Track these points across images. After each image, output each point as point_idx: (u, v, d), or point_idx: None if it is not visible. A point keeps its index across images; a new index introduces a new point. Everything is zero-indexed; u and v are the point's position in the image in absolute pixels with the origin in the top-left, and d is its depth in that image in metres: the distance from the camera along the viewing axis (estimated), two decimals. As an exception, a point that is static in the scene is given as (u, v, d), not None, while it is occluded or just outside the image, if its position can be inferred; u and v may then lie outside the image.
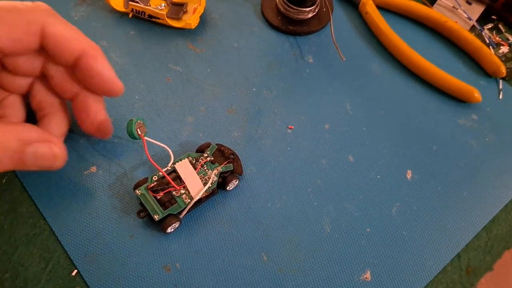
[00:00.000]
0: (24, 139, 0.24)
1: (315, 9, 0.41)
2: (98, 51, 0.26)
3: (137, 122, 0.29)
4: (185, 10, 0.40)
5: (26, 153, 0.24)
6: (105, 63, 0.26)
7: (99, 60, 0.26)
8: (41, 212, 0.30)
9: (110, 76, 0.26)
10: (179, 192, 0.28)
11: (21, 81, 0.28)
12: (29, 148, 0.24)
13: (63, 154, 0.26)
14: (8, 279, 0.28)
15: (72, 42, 0.25)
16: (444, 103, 0.38)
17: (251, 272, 0.29)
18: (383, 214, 0.32)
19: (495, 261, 0.32)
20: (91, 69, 0.25)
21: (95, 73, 0.26)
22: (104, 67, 0.26)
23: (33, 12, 0.24)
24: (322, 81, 0.38)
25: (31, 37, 0.24)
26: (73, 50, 0.25)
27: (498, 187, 0.34)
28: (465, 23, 0.43)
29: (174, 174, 0.29)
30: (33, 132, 0.24)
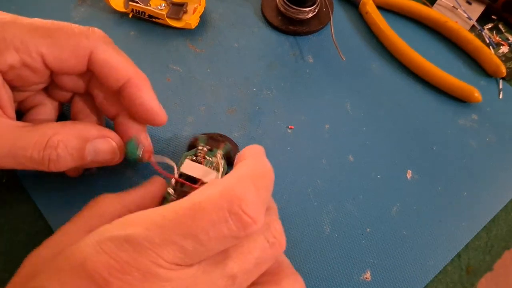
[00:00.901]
0: (85, 136, 0.24)
1: (315, 9, 0.41)
2: (144, 81, 0.26)
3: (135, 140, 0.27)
4: (185, 10, 0.40)
5: (86, 150, 0.24)
6: (150, 94, 0.26)
7: (144, 91, 0.26)
8: (41, 212, 0.30)
9: (153, 107, 0.26)
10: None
11: (66, 93, 0.29)
12: (90, 145, 0.24)
13: (121, 148, 0.26)
14: (8, 279, 0.28)
15: (118, 70, 0.25)
16: (444, 103, 0.38)
17: (251, 272, 0.29)
18: (383, 214, 0.32)
19: (495, 261, 0.32)
20: (134, 99, 0.26)
21: (138, 102, 0.26)
22: (148, 98, 0.26)
23: (85, 36, 0.25)
24: (322, 81, 0.38)
25: (78, 60, 0.25)
26: (119, 78, 0.25)
27: (498, 187, 0.34)
28: (465, 23, 0.43)
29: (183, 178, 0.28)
30: (93, 129, 0.25)
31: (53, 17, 0.25)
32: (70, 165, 0.24)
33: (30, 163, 0.23)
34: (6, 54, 0.23)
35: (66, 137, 0.24)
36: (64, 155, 0.23)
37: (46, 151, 0.23)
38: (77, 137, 0.24)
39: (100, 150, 0.25)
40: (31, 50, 0.23)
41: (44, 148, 0.23)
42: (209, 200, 0.17)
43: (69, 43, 0.24)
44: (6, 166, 0.23)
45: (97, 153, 0.25)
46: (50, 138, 0.23)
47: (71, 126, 0.24)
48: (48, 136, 0.23)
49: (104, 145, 0.25)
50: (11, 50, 0.23)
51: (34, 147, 0.23)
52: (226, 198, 0.17)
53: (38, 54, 0.24)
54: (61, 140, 0.23)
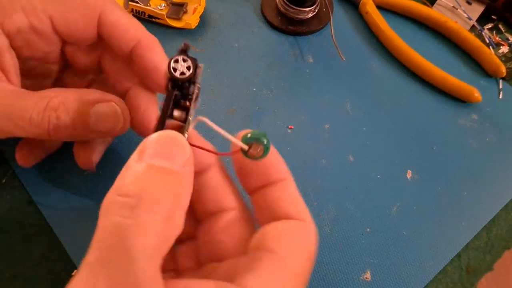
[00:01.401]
0: (87, 99, 0.23)
1: (315, 9, 0.41)
2: (155, 42, 0.25)
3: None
4: (185, 10, 0.40)
5: (89, 115, 0.23)
6: (162, 55, 0.25)
7: (156, 51, 0.25)
8: (41, 212, 0.30)
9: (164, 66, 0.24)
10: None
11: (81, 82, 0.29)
12: (92, 108, 0.23)
13: (126, 115, 0.24)
14: (8, 279, 0.28)
15: (128, 30, 0.24)
16: (444, 103, 0.38)
17: (251, 272, 0.29)
18: (383, 214, 0.32)
19: (495, 261, 0.32)
20: (146, 60, 0.24)
21: (150, 64, 0.24)
22: (160, 59, 0.24)
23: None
24: (322, 81, 0.38)
25: (88, 22, 0.24)
26: (129, 39, 0.24)
27: (498, 187, 0.34)
28: (465, 23, 0.43)
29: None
30: (96, 93, 0.24)
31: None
32: (71, 133, 0.23)
33: (29, 126, 0.22)
34: (14, 16, 0.22)
35: (67, 99, 0.22)
36: (65, 118, 0.22)
37: (46, 112, 0.22)
38: (78, 100, 0.23)
39: (102, 115, 0.23)
40: (39, 12, 0.22)
41: (44, 109, 0.22)
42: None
43: (78, 3, 0.23)
44: (4, 130, 0.22)
45: (99, 118, 0.23)
46: (51, 100, 0.22)
47: (73, 90, 0.23)
48: (49, 98, 0.22)
49: (107, 108, 0.23)
50: (18, 12, 0.22)
51: (34, 108, 0.21)
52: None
53: (46, 15, 0.22)
54: (62, 102, 0.22)
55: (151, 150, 0.16)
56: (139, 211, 0.14)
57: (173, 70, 0.19)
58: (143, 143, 0.17)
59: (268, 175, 0.20)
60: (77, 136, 0.24)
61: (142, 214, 0.14)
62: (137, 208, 0.14)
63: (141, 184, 0.15)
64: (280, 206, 0.20)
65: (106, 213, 0.15)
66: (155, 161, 0.16)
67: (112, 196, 0.15)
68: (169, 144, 0.17)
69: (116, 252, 0.14)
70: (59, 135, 0.23)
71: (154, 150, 0.16)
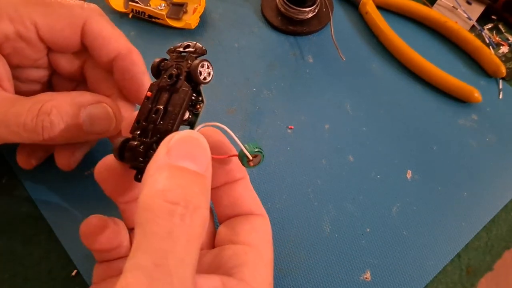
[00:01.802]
0: (79, 102, 0.23)
1: (315, 9, 0.41)
2: (135, 55, 0.25)
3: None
4: (185, 10, 0.40)
5: (81, 117, 0.23)
6: (141, 68, 0.25)
7: (136, 64, 0.25)
8: (41, 212, 0.30)
9: (144, 82, 0.25)
10: None
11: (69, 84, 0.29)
12: (84, 111, 0.23)
13: (118, 115, 0.25)
14: (8, 279, 0.28)
15: (110, 41, 0.25)
16: (444, 103, 0.38)
17: (251, 272, 0.29)
18: (383, 214, 0.32)
19: (495, 261, 0.32)
20: (125, 72, 0.25)
21: (129, 76, 0.25)
22: (139, 72, 0.25)
23: (79, 7, 0.24)
24: (322, 81, 0.38)
25: (72, 31, 0.24)
26: (111, 49, 0.25)
27: (498, 187, 0.34)
28: (465, 23, 0.43)
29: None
30: (87, 95, 0.24)
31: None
32: (66, 135, 0.23)
33: (24, 131, 0.22)
34: (1, 24, 0.23)
35: (59, 103, 0.23)
36: (58, 122, 0.23)
37: (39, 117, 0.22)
38: (71, 104, 0.23)
39: (94, 116, 0.24)
40: (25, 19, 0.23)
41: (37, 114, 0.22)
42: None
43: (63, 12, 0.24)
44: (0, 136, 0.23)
45: (92, 120, 0.24)
46: (44, 104, 0.22)
47: (65, 94, 0.24)
48: (42, 102, 0.22)
49: (98, 110, 0.24)
50: (4, 20, 0.23)
51: (28, 113, 0.22)
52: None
53: (32, 23, 0.23)
54: (54, 106, 0.22)
55: (179, 151, 0.17)
56: (187, 219, 0.15)
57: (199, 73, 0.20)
58: (168, 142, 0.17)
59: (231, 174, 0.23)
60: (72, 138, 0.24)
61: (189, 221, 0.15)
62: (185, 215, 0.15)
63: (185, 190, 0.16)
64: (243, 203, 0.23)
65: (155, 217, 0.15)
66: (186, 163, 0.17)
67: (158, 201, 0.15)
68: (194, 145, 0.17)
69: (173, 259, 0.15)
70: (54, 139, 0.23)
71: (182, 151, 0.17)
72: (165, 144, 0.17)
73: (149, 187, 0.16)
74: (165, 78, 0.21)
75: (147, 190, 0.16)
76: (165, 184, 0.16)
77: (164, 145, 0.17)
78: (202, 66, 0.20)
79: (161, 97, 0.21)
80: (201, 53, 0.21)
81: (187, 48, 0.22)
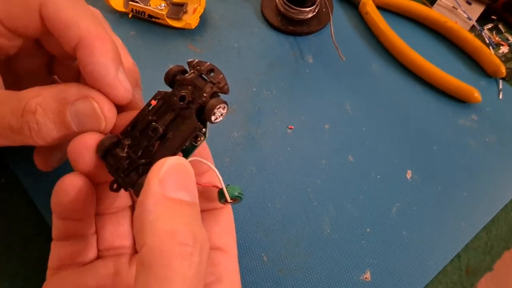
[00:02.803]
0: (64, 97, 0.20)
1: (315, 9, 0.41)
2: (98, 41, 0.20)
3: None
4: (185, 10, 0.40)
5: (67, 114, 0.20)
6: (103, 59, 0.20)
7: (96, 54, 0.20)
8: (41, 213, 0.29)
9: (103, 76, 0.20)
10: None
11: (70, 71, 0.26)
12: (70, 107, 0.20)
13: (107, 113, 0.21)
14: (8, 280, 0.28)
15: (69, 26, 0.20)
16: (444, 103, 0.38)
17: (251, 273, 0.29)
18: (383, 214, 0.32)
19: (495, 261, 0.32)
20: (85, 64, 0.20)
21: (88, 69, 0.20)
22: (98, 63, 0.20)
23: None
24: (322, 81, 0.38)
25: (29, 16, 0.20)
26: (71, 36, 0.20)
27: (498, 187, 0.34)
28: (465, 23, 0.43)
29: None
30: (73, 88, 0.20)
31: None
32: (56, 135, 0.20)
33: (12, 134, 0.20)
34: None
35: (44, 99, 0.20)
36: (45, 122, 0.20)
37: (24, 117, 0.19)
38: (56, 100, 0.20)
39: (81, 113, 0.20)
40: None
41: (22, 114, 0.19)
42: None
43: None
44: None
45: (80, 118, 0.20)
46: (28, 102, 0.19)
47: (51, 88, 0.20)
48: (25, 100, 0.19)
49: (85, 106, 0.20)
50: None
51: (12, 113, 0.19)
52: None
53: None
54: (39, 104, 0.19)
55: (173, 181, 0.17)
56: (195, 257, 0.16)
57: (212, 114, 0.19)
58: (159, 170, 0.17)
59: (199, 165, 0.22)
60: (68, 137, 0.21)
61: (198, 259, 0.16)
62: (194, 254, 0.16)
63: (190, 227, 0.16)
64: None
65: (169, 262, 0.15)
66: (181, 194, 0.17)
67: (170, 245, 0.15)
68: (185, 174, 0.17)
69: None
70: (46, 140, 0.20)
71: (176, 181, 0.17)
72: (156, 173, 0.17)
73: (154, 226, 0.16)
74: (177, 96, 0.19)
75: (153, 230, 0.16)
76: (172, 224, 0.16)
77: (155, 174, 0.17)
78: (219, 108, 0.19)
79: (165, 115, 0.20)
80: (223, 92, 0.20)
81: (211, 72, 0.21)
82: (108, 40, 0.20)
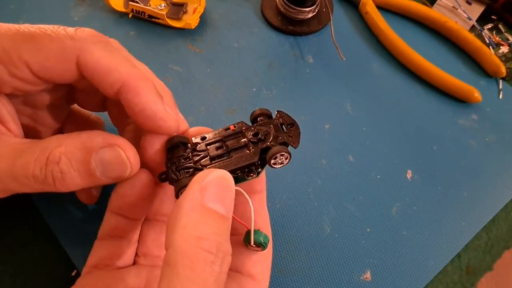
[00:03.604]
0: (89, 146, 0.21)
1: (315, 9, 0.41)
2: (142, 82, 0.21)
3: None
4: (185, 10, 0.40)
5: (92, 163, 0.21)
6: (150, 96, 0.21)
7: (142, 93, 0.21)
8: (41, 213, 0.29)
9: (155, 111, 0.21)
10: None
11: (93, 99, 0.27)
12: (95, 156, 0.21)
13: (133, 160, 0.22)
14: (8, 280, 0.28)
15: (110, 72, 0.21)
16: (444, 103, 0.38)
17: (251, 272, 0.29)
18: (383, 214, 0.32)
19: (495, 261, 0.32)
20: (132, 105, 0.21)
21: (137, 109, 0.21)
22: (147, 101, 0.21)
23: (70, 38, 0.21)
24: (322, 81, 0.38)
25: (65, 67, 0.21)
26: (113, 82, 0.21)
27: (498, 187, 0.34)
28: (465, 23, 0.43)
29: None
30: (98, 137, 0.21)
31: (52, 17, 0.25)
32: (80, 183, 0.21)
33: (34, 184, 0.20)
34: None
35: (68, 149, 0.20)
36: (69, 171, 0.20)
37: (48, 167, 0.20)
38: (80, 149, 0.20)
39: (107, 162, 0.21)
40: (14, 58, 0.20)
41: (46, 164, 0.20)
42: None
43: (53, 46, 0.21)
44: (12, 189, 0.21)
45: (105, 166, 0.21)
46: (51, 152, 0.20)
47: (75, 137, 0.21)
48: (49, 149, 0.20)
49: (111, 154, 0.21)
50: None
51: (36, 164, 0.20)
52: None
53: (22, 62, 0.20)
54: (63, 153, 0.20)
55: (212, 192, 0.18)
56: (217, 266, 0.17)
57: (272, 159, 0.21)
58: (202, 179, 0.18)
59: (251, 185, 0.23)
60: (88, 185, 0.22)
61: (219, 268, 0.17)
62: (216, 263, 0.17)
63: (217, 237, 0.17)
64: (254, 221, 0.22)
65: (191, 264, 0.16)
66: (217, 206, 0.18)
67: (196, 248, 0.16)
68: (225, 188, 0.19)
69: None
70: (68, 188, 0.21)
71: (215, 192, 0.18)
72: (199, 182, 0.18)
73: (185, 230, 0.17)
74: (253, 131, 0.22)
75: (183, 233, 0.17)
76: (201, 231, 0.17)
77: (198, 182, 0.18)
78: (282, 155, 0.21)
79: (234, 140, 0.22)
80: (291, 145, 0.22)
81: (292, 126, 0.23)
82: (148, 78, 0.22)
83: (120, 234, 0.23)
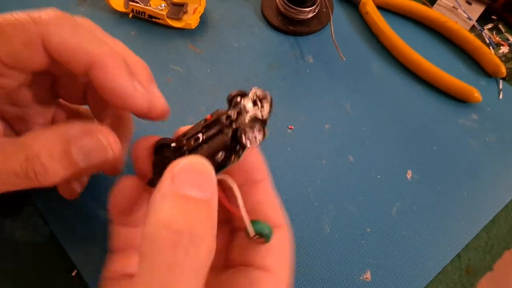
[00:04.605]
0: (68, 137, 0.20)
1: (315, 9, 0.41)
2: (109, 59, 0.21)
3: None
4: (185, 10, 0.40)
5: (73, 152, 0.20)
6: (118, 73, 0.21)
7: (110, 71, 0.20)
8: (41, 213, 0.30)
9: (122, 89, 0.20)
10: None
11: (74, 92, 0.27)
12: (75, 145, 0.20)
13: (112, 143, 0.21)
14: (8, 280, 0.28)
15: (77, 51, 0.20)
16: (444, 103, 0.38)
17: (251, 272, 0.29)
18: (383, 214, 0.32)
19: (495, 261, 0.32)
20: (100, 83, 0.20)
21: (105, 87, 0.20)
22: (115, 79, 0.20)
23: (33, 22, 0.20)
24: (322, 81, 0.38)
25: (32, 52, 0.20)
26: (80, 61, 0.20)
27: (498, 187, 0.34)
28: (465, 23, 0.43)
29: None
30: (76, 126, 0.21)
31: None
32: (63, 174, 0.20)
33: (16, 180, 0.20)
34: None
35: (48, 142, 0.20)
36: (51, 164, 0.20)
37: (28, 162, 0.19)
38: (60, 141, 0.20)
39: (87, 149, 0.21)
40: None
41: (25, 159, 0.19)
42: None
43: (16, 33, 0.20)
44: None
45: (86, 153, 0.21)
46: (30, 147, 0.19)
47: (53, 130, 0.21)
48: (28, 145, 0.20)
49: (90, 141, 0.21)
50: None
51: (16, 159, 0.19)
52: None
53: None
54: (42, 147, 0.20)
55: (183, 178, 0.17)
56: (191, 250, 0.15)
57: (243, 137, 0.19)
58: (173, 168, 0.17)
59: (250, 174, 0.22)
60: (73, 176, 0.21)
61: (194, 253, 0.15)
62: (190, 247, 0.15)
63: (190, 220, 0.16)
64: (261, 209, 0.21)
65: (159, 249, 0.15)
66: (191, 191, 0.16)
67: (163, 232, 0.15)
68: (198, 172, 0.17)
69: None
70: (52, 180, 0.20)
71: (187, 178, 0.17)
72: (170, 171, 0.17)
73: (153, 216, 0.16)
74: (226, 115, 0.21)
75: (151, 219, 0.16)
76: (170, 214, 0.15)
77: (169, 171, 0.17)
78: (253, 130, 0.20)
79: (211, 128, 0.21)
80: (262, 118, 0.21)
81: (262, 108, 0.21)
82: (117, 55, 0.21)
83: (129, 243, 0.23)
